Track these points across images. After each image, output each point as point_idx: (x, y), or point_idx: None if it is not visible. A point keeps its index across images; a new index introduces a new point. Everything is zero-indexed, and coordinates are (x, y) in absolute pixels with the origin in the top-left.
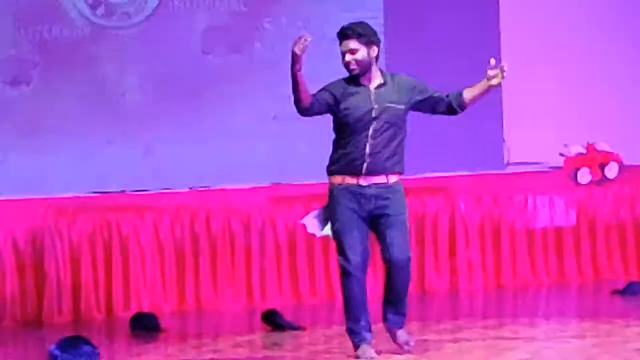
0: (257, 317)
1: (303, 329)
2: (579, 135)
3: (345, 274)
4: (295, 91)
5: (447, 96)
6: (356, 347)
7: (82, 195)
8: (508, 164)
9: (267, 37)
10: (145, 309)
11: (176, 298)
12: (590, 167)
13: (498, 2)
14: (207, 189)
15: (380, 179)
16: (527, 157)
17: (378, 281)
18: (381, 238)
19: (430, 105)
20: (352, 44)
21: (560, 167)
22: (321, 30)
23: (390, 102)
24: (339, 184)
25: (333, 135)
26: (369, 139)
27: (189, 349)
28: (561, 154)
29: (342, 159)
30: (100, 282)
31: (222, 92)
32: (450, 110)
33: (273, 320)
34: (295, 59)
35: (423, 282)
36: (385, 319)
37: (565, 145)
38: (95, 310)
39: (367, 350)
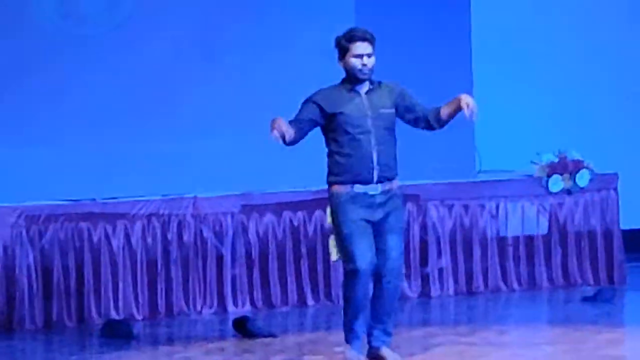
0: (229, 325)
1: (274, 336)
2: (550, 144)
3: (354, 278)
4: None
5: (428, 112)
6: (348, 342)
7: (53, 203)
8: (480, 171)
9: (239, 46)
10: (117, 316)
11: (148, 305)
12: (561, 175)
13: (470, 11)
14: (178, 196)
15: (387, 186)
16: (499, 165)
17: None
18: (381, 242)
19: (410, 115)
20: (370, 48)
21: (531, 175)
22: (292, 39)
23: (383, 108)
24: (348, 192)
25: (325, 145)
26: (375, 146)
27: (161, 356)
28: (533, 162)
29: (350, 168)
30: (72, 289)
31: (194, 100)
32: (428, 126)
33: (245, 328)
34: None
35: None
36: (370, 338)
37: (537, 154)
38: (67, 317)
39: (357, 351)
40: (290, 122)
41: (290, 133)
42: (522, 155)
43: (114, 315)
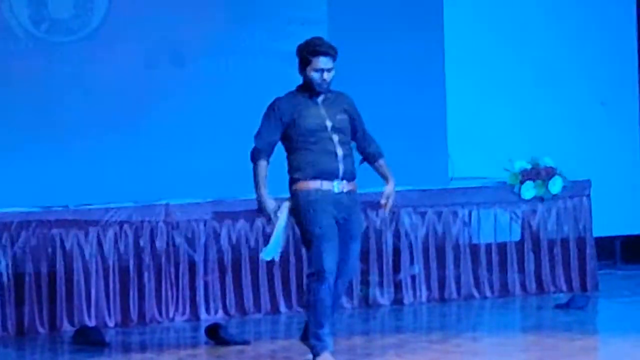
0: (202, 332)
1: (247, 343)
2: (523, 150)
3: (319, 280)
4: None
5: (369, 147)
6: (317, 354)
7: (25, 210)
8: (452, 178)
9: (212, 51)
10: (89, 323)
11: (120, 312)
12: (534, 182)
13: (442, 17)
14: (151, 204)
15: (350, 186)
16: (472, 172)
17: None
18: (342, 244)
19: (353, 133)
20: (331, 63)
21: (504, 182)
22: (264, 44)
23: (337, 114)
24: (317, 189)
25: (284, 146)
26: (337, 147)
27: None
28: (505, 169)
29: (314, 164)
30: (44, 296)
31: (167, 106)
32: (358, 151)
33: (217, 335)
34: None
35: (367, 296)
36: (306, 337)
37: (510, 160)
38: (39, 324)
39: (328, 358)
40: (268, 144)
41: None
42: (494, 162)
43: (86, 322)
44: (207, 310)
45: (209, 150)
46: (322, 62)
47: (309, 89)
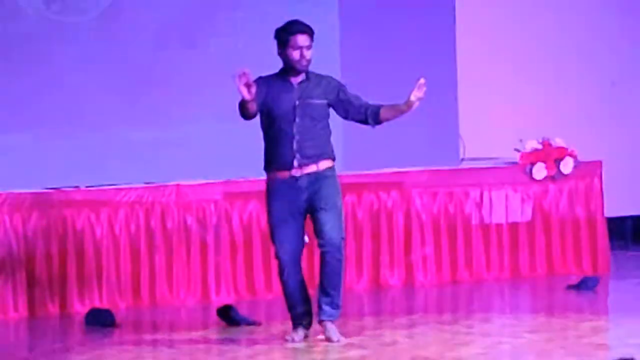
0: (213, 313)
1: (258, 324)
2: (534, 131)
3: (279, 265)
4: (244, 112)
5: (366, 108)
6: (294, 327)
7: (37, 191)
8: (463, 159)
9: (222, 32)
10: (101, 304)
11: (131, 293)
12: (545, 163)
13: None
14: (162, 184)
15: (311, 169)
16: (483, 153)
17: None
18: (315, 223)
19: (345, 109)
20: (309, 40)
21: (515, 163)
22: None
23: (311, 98)
24: (274, 179)
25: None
26: (295, 135)
27: (144, 344)
28: (516, 150)
29: (274, 156)
30: (55, 277)
31: (177, 87)
32: (363, 122)
33: (228, 316)
34: (245, 100)
35: (378, 277)
36: (319, 311)
37: (521, 141)
38: (50, 305)
39: (297, 333)
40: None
41: (252, 93)
42: (506, 143)
43: (97, 303)
44: (218, 291)
45: (219, 130)
46: (300, 40)
47: (287, 71)
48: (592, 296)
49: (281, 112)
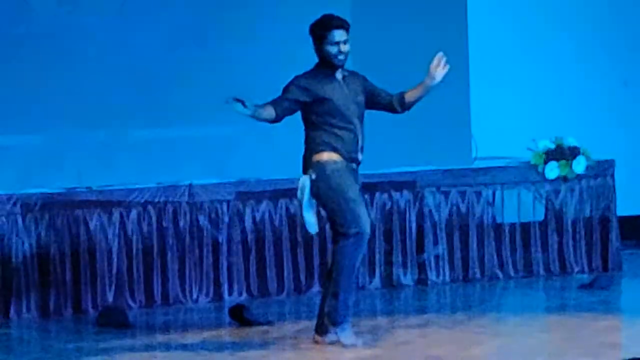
0: (225, 312)
1: (271, 324)
2: (546, 130)
3: (360, 242)
4: (264, 120)
5: (391, 95)
6: (339, 323)
7: (49, 191)
8: (476, 158)
9: (234, 32)
10: (113, 304)
11: (144, 293)
12: (558, 162)
13: None
14: (174, 184)
15: (360, 158)
16: (495, 152)
17: None
18: None
19: (372, 99)
20: (346, 35)
21: (528, 162)
22: (288, 25)
23: (357, 93)
24: (342, 161)
25: (304, 122)
26: (360, 131)
27: (157, 344)
28: (529, 149)
29: (338, 143)
30: (68, 277)
31: (190, 87)
32: (391, 109)
33: (241, 316)
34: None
35: (391, 276)
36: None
37: (533, 140)
38: (63, 305)
39: (351, 334)
40: (273, 100)
41: (261, 111)
42: (518, 142)
43: (110, 303)
44: (230, 291)
45: (232, 130)
46: (338, 34)
47: (326, 67)
48: (605, 295)
49: (341, 109)
